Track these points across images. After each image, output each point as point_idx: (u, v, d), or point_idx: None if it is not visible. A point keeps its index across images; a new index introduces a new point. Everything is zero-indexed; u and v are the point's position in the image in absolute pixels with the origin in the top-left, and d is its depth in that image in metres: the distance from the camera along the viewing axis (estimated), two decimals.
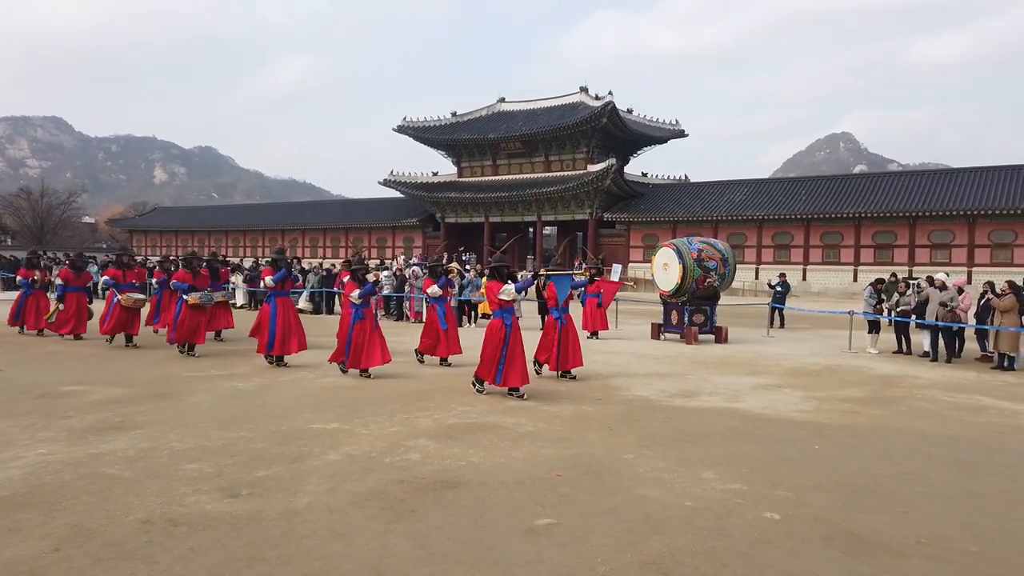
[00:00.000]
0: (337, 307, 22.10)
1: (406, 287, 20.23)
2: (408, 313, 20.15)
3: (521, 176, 48.20)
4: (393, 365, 10.68)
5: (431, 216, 51.94)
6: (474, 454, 6.19)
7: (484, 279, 11.02)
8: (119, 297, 12.99)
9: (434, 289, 11.55)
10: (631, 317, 19.69)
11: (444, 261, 10.56)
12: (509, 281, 9.08)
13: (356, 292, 10.29)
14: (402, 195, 52.06)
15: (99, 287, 20.51)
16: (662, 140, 49.19)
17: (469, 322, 18.58)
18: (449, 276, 11.49)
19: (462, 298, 18.52)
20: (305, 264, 30.30)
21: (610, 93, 43.78)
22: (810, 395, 9.44)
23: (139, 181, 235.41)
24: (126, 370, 10.71)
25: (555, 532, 4.43)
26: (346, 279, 11.41)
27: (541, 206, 46.65)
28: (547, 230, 51.43)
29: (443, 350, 11.30)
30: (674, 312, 16.18)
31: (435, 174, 52.11)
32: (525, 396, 8.76)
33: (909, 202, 36.48)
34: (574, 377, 10.27)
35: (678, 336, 15.94)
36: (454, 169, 51.94)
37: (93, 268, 23.11)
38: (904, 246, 36.45)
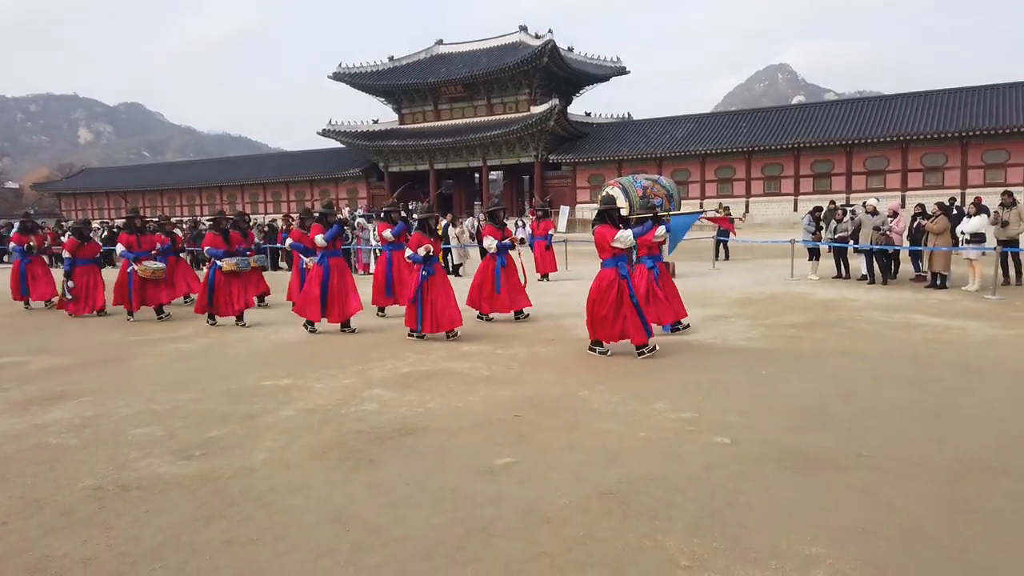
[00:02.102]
0: (281, 263, 21.70)
1: (352, 238, 19.90)
2: (356, 265, 19.89)
3: (464, 121, 47.43)
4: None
5: (374, 166, 50.90)
6: (431, 401, 6.21)
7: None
8: (135, 267, 11.68)
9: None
10: (580, 258, 19.82)
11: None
12: (622, 226, 7.91)
13: (388, 231, 10.47)
14: (343, 145, 50.80)
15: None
16: (604, 78, 48.83)
17: None
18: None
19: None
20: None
21: (550, 31, 43.04)
22: (756, 323, 9.70)
23: (63, 142, 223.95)
24: (65, 339, 10.37)
25: (515, 470, 4.49)
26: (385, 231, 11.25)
27: (486, 151, 46.11)
28: (493, 174, 50.99)
29: (490, 305, 10.43)
30: None
31: (376, 122, 50.86)
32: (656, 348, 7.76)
33: (845, 131, 37.19)
34: (687, 326, 9.26)
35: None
36: (395, 116, 50.77)
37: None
38: (841, 174, 37.30)
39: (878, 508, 3.78)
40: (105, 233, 26.21)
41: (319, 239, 9.79)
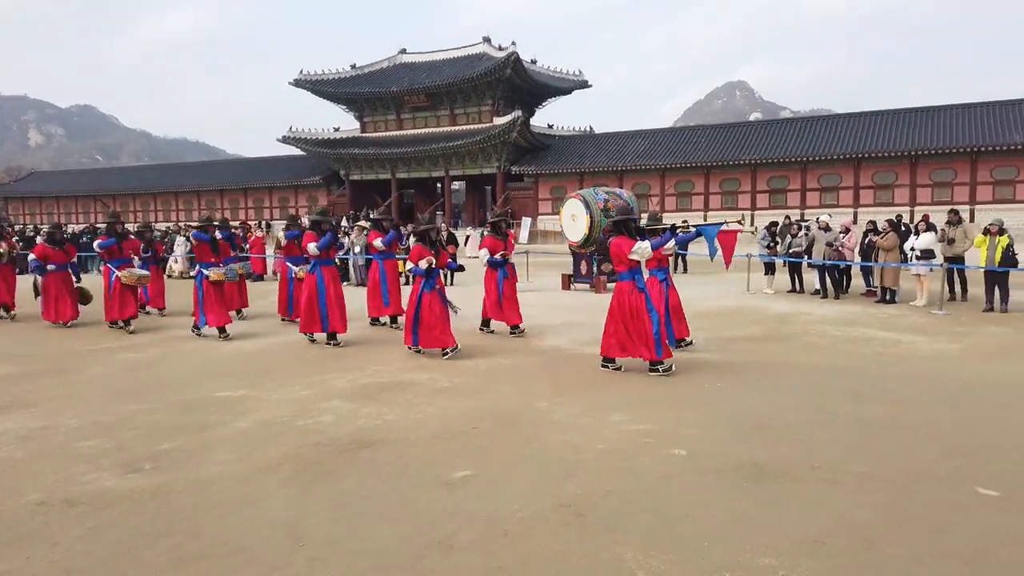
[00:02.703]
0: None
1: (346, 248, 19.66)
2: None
3: (427, 130, 47.36)
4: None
5: (335, 173, 50.44)
6: (389, 412, 6.16)
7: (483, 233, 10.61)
8: (118, 274, 11.05)
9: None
10: (541, 269, 19.90)
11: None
12: (639, 237, 7.58)
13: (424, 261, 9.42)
14: (303, 152, 50.26)
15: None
16: (567, 91, 49.24)
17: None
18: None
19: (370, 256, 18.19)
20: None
21: (513, 44, 43.32)
22: (713, 336, 9.84)
23: (12, 144, 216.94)
24: (12, 347, 10.03)
25: (473, 483, 4.48)
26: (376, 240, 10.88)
27: (448, 161, 46.08)
28: (455, 185, 50.96)
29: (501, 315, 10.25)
30: (583, 262, 16.47)
31: (337, 129, 50.46)
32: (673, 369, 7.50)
33: (800, 148, 38.10)
34: (690, 343, 9.06)
35: (588, 286, 16.26)
36: (357, 124, 50.44)
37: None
38: (796, 190, 38.15)
39: (829, 519, 3.86)
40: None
41: (312, 247, 9.43)
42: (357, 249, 18.54)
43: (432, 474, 4.64)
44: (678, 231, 7.81)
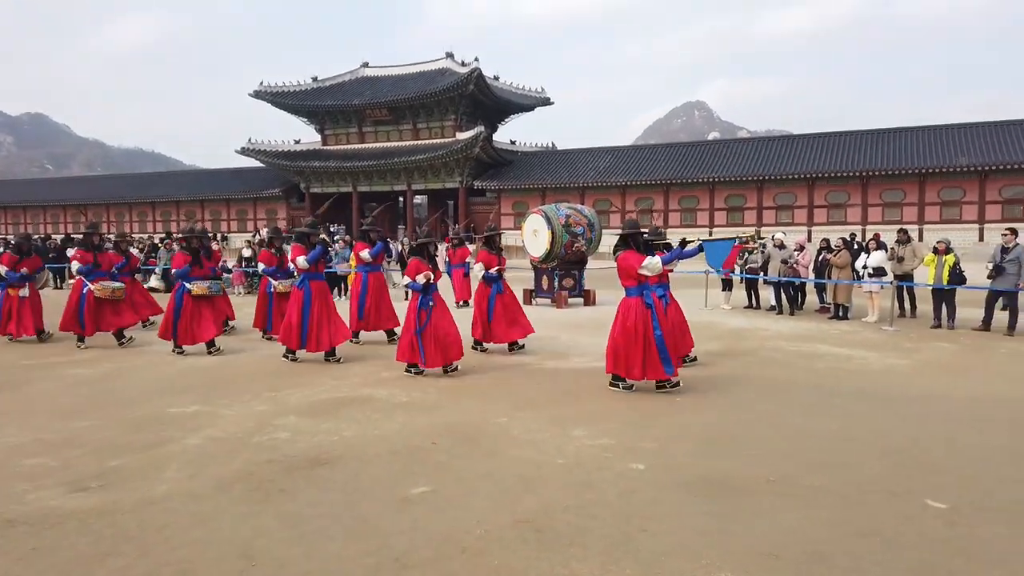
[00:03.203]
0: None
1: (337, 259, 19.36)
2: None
3: (389, 144, 47.19)
4: (259, 342, 10.25)
5: (295, 186, 49.90)
6: (347, 428, 6.07)
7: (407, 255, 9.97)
8: (92, 287, 10.45)
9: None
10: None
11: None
12: (651, 253, 7.43)
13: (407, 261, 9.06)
14: (263, 164, 49.63)
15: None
16: (529, 107, 49.58)
17: (340, 295, 18.14)
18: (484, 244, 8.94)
19: (331, 270, 18.02)
20: (157, 239, 28.35)
21: (476, 59, 43.56)
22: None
23: None
24: None
25: (431, 499, 4.42)
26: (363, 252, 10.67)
27: (411, 175, 45.95)
28: (417, 199, 50.81)
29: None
30: (544, 277, 16.52)
31: (297, 142, 49.98)
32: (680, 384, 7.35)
33: (756, 167, 38.93)
34: (695, 359, 8.89)
35: (549, 300, 16.30)
36: (318, 137, 50.02)
37: None
38: (753, 208, 38.93)
39: (784, 532, 3.91)
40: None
41: (301, 260, 9.00)
42: (290, 265, 18.41)
43: (389, 491, 4.57)
44: (688, 246, 7.70)
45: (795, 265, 14.21)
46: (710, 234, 39.23)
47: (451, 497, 4.45)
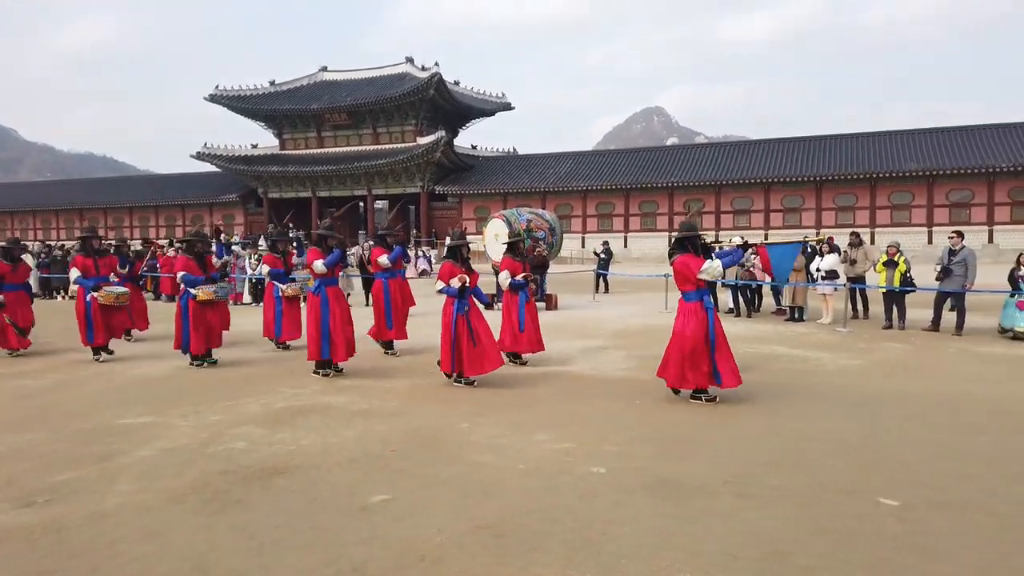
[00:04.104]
0: (148, 292, 20.39)
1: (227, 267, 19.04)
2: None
3: (349, 149, 46.80)
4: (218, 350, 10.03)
5: (252, 191, 49.19)
6: (304, 437, 5.97)
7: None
8: (95, 294, 9.90)
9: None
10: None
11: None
12: (708, 256, 7.04)
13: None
14: (219, 169, 48.78)
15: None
16: (490, 112, 49.68)
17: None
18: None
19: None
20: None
21: (436, 64, 43.51)
22: (632, 354, 10.01)
23: None
24: None
25: (391, 507, 4.37)
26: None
27: (371, 180, 45.64)
28: (378, 203, 50.46)
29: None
30: None
31: (255, 146, 49.28)
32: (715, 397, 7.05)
33: (714, 172, 39.60)
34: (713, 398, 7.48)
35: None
36: (276, 141, 49.39)
37: None
38: (711, 212, 39.54)
39: (742, 532, 3.95)
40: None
41: (318, 265, 8.47)
42: (249, 271, 18.30)
43: (347, 500, 4.50)
44: (748, 248, 7.46)
45: (752, 268, 14.45)
46: (669, 240, 39.74)
47: (411, 504, 4.41)
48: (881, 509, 4.28)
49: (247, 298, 18.79)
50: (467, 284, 7.83)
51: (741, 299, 14.71)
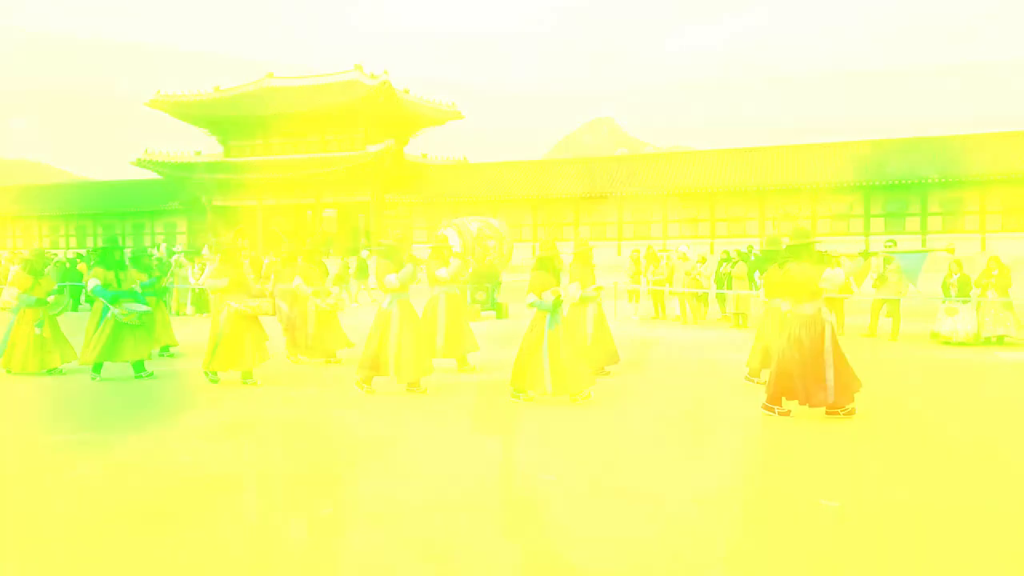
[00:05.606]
0: (83, 304, 19.73)
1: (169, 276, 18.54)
2: (172, 306, 18.48)
3: (296, 156, 46.06)
4: (156, 363, 9.76)
5: (196, 200, 48.02)
6: (251, 451, 5.86)
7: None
8: (115, 311, 8.92)
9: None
10: (414, 298, 19.72)
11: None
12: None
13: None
14: (160, 177, 47.51)
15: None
16: (440, 121, 49.53)
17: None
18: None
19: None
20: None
21: (385, 72, 43.24)
22: None
23: None
24: None
25: (335, 523, 4.32)
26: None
27: (319, 188, 45.04)
28: (327, 212, 49.85)
29: None
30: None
31: (198, 153, 48.15)
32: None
33: (662, 182, 40.30)
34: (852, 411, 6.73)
35: None
36: (220, 148, 48.35)
37: None
38: (659, 222, 40.22)
39: (688, 536, 4.02)
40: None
41: (392, 280, 7.97)
42: (192, 280, 17.83)
43: (293, 515, 4.43)
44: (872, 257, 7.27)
45: (697, 276, 14.75)
46: (618, 249, 40.32)
47: (355, 520, 4.36)
48: (821, 510, 4.41)
49: (189, 308, 18.34)
50: (560, 298, 7.50)
51: (688, 307, 14.98)
